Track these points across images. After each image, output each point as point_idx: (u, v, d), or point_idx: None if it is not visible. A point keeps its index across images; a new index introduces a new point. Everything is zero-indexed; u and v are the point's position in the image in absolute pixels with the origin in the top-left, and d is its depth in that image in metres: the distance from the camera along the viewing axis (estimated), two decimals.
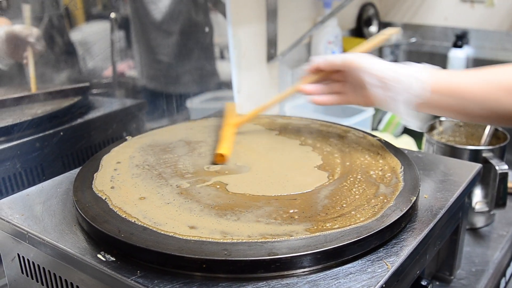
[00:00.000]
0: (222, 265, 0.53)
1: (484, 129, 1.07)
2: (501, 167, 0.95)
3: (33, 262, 0.66)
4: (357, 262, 0.56)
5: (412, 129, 1.50)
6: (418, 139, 1.44)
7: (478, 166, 0.80)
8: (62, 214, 0.67)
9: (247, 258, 0.53)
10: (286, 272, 0.53)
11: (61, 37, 0.94)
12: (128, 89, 1.08)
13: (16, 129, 0.85)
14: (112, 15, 1.01)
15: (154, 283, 0.53)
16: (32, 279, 0.67)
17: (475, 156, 0.98)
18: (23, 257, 0.67)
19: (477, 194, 1.01)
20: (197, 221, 0.59)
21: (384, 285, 0.53)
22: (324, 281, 0.53)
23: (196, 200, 0.65)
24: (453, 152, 1.00)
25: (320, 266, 0.55)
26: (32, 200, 0.71)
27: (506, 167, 0.95)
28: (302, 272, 0.54)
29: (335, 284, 0.52)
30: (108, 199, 0.65)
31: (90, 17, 0.98)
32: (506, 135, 1.04)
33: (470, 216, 1.03)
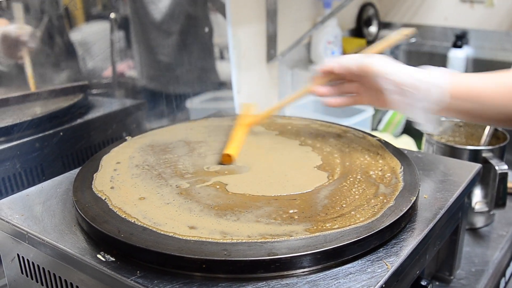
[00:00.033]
0: (222, 265, 0.53)
1: (484, 129, 1.06)
2: (501, 167, 0.95)
3: (33, 263, 0.66)
4: (357, 262, 0.56)
5: (412, 129, 1.50)
6: (418, 139, 1.43)
7: (478, 166, 0.80)
8: (62, 214, 0.67)
9: (247, 258, 0.53)
10: (286, 272, 0.53)
11: (61, 37, 0.94)
12: (128, 89, 1.08)
13: (16, 129, 0.85)
14: (112, 15, 1.01)
15: (154, 283, 0.53)
16: (32, 280, 0.67)
17: (475, 156, 0.98)
18: (23, 258, 0.67)
19: (477, 194, 1.01)
20: (197, 221, 0.59)
21: (384, 285, 0.53)
22: (324, 281, 0.53)
23: (196, 200, 0.65)
24: (453, 152, 1.00)
25: (320, 266, 0.55)
26: (32, 201, 0.71)
27: (506, 167, 0.95)
28: (302, 272, 0.54)
29: (335, 284, 0.52)
30: (108, 199, 0.65)
31: (90, 17, 0.98)
32: (506, 135, 1.04)
33: (470, 216, 1.02)
